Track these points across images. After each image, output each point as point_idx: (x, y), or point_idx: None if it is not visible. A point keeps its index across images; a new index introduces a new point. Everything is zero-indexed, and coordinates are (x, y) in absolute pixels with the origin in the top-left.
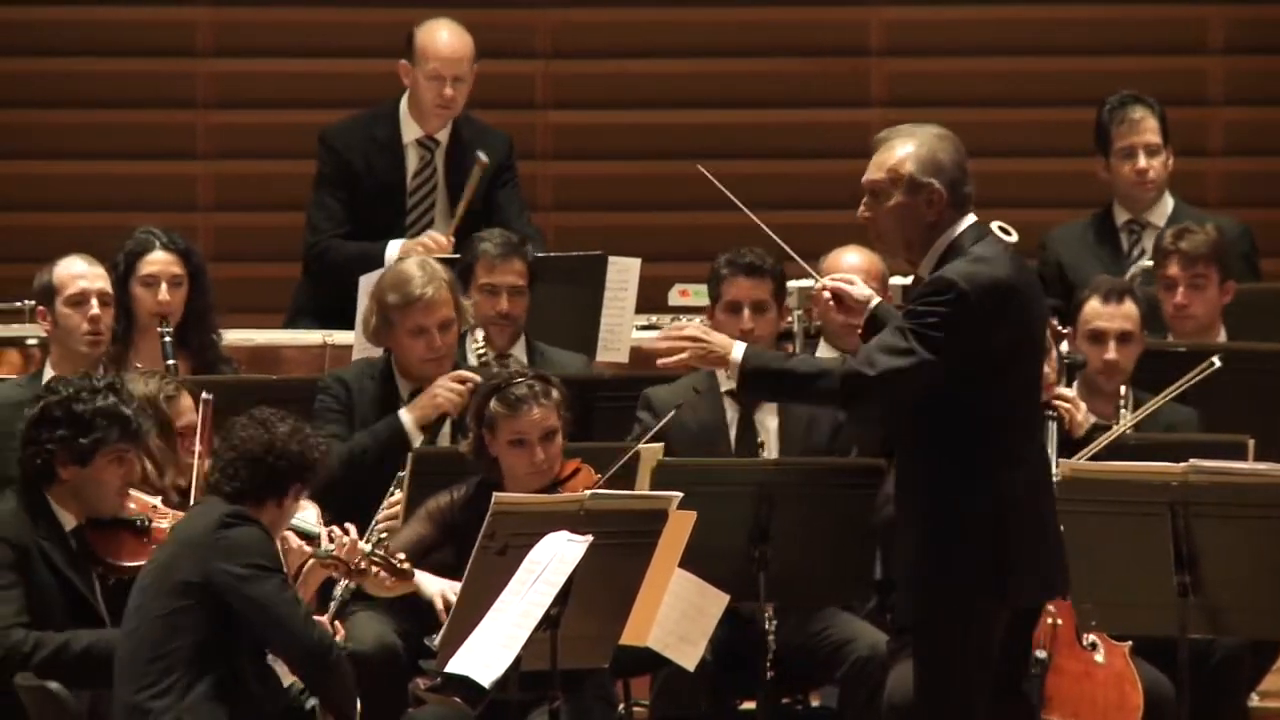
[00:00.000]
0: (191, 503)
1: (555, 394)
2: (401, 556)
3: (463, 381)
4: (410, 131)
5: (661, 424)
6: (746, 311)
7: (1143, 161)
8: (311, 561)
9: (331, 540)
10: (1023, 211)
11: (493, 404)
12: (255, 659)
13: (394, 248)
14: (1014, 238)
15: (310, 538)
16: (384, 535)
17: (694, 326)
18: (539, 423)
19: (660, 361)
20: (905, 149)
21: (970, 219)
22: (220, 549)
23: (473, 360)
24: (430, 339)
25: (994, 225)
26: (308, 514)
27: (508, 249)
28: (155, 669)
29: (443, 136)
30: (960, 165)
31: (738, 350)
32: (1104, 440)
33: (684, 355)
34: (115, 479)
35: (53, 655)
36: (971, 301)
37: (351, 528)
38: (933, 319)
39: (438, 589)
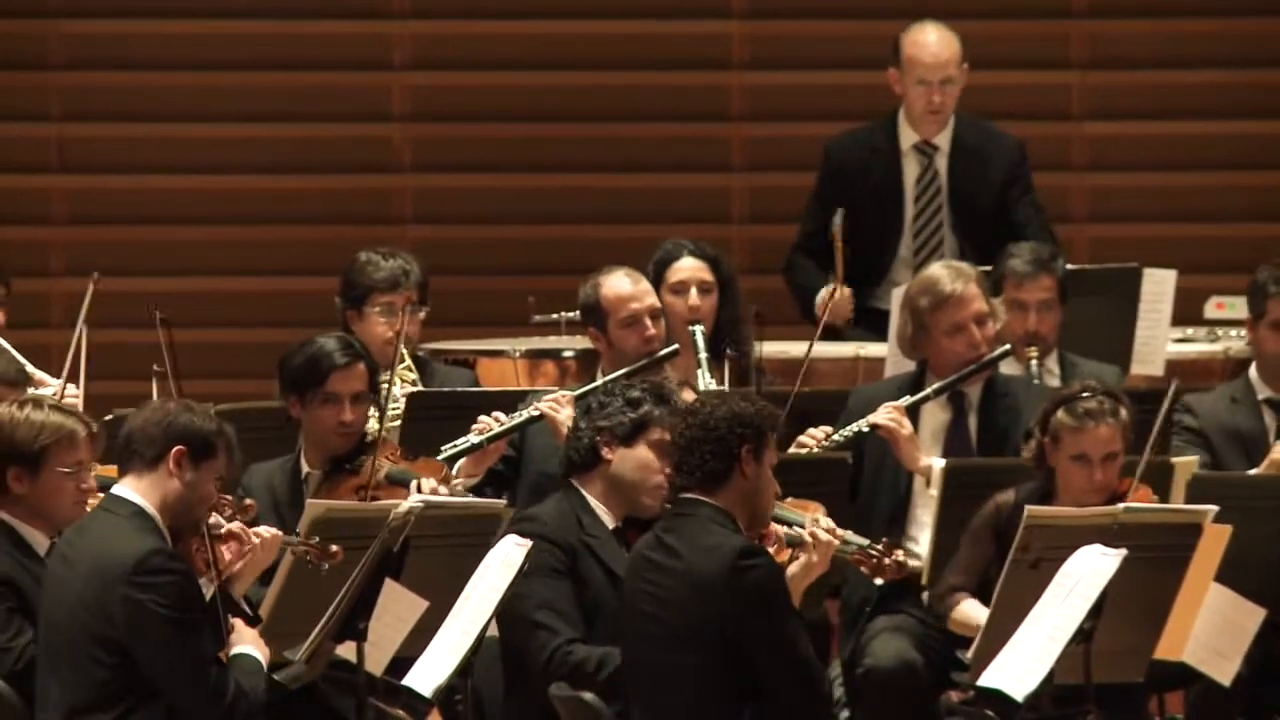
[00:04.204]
0: None
1: (1124, 413)
2: (893, 550)
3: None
4: (908, 138)
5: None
6: None
7: None
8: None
9: (814, 538)
10: None
11: (1060, 414)
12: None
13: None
14: None
15: (794, 545)
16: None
17: None
18: (1104, 442)
19: None
20: None
21: None
22: (746, 598)
23: None
24: (970, 335)
25: None
26: None
27: (1036, 265)
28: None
29: (943, 141)
30: None
31: None
32: None
33: None
34: (657, 461)
35: (615, 674)
36: None
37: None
38: None
39: None
